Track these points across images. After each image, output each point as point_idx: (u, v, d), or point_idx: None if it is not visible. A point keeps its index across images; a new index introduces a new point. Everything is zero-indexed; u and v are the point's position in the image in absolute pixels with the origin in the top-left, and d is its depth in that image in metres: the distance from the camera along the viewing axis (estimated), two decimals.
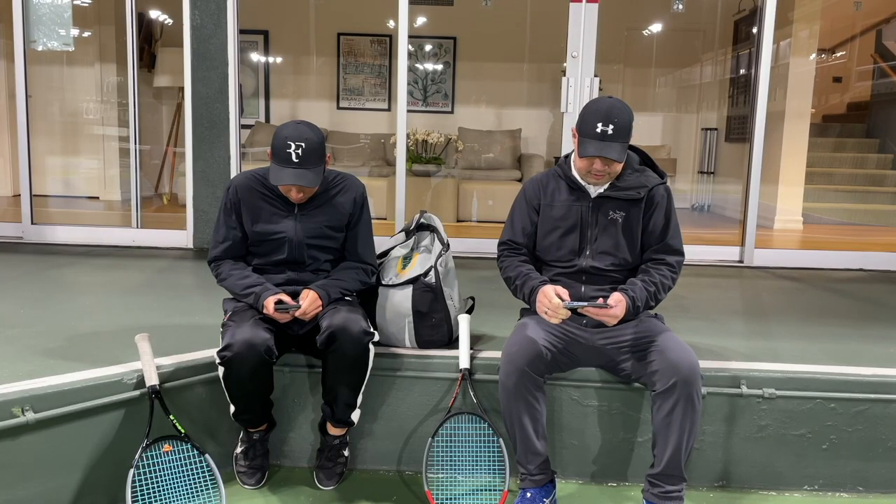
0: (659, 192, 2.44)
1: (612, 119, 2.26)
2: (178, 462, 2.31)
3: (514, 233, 2.53)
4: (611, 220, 2.42)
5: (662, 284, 2.39)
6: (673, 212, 2.46)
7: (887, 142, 7.62)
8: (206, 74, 4.63)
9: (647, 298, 2.36)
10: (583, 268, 2.44)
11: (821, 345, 2.96)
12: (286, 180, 2.34)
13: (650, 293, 2.36)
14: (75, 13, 5.33)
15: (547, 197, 2.48)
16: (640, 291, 2.35)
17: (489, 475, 2.58)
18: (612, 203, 2.42)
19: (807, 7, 6.19)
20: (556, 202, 2.46)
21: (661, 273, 2.41)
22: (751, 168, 4.66)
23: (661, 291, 2.40)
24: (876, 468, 2.61)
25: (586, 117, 2.31)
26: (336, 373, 2.40)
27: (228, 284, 2.51)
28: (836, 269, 4.72)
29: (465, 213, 6.62)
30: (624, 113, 2.29)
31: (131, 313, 3.20)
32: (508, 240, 2.53)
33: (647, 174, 2.45)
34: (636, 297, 2.33)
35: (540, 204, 2.49)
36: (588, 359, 2.51)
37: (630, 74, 8.04)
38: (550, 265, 2.49)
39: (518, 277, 2.44)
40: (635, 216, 2.42)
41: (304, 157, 2.33)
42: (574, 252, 2.44)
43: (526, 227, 2.51)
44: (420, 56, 8.19)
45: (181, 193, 5.75)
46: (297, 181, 2.34)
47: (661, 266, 2.42)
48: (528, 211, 2.51)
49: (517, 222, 2.52)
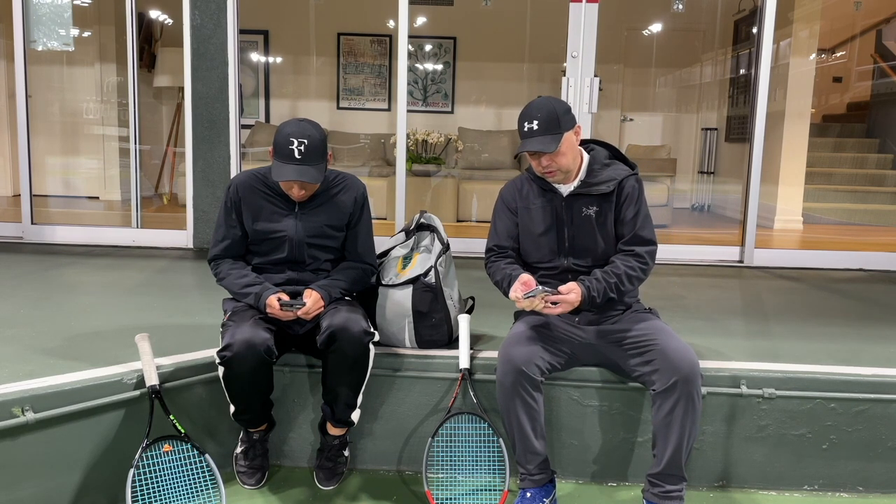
0: (629, 183, 2.43)
1: (535, 115, 2.32)
2: (178, 462, 2.31)
3: (498, 237, 2.55)
4: (584, 217, 2.43)
5: (628, 275, 2.37)
6: (643, 202, 2.44)
7: (887, 142, 7.62)
8: (206, 74, 4.63)
9: (605, 289, 2.34)
10: (566, 267, 2.46)
11: (821, 345, 2.96)
12: (288, 176, 2.34)
13: (609, 284, 2.34)
14: (75, 13, 5.33)
15: (523, 200, 2.52)
16: (596, 282, 2.34)
17: (489, 475, 2.58)
18: (584, 200, 2.44)
19: (807, 7, 6.19)
20: (532, 205, 2.50)
21: (627, 264, 2.38)
22: (751, 168, 4.66)
23: (626, 282, 2.37)
24: (876, 468, 2.61)
25: (518, 122, 2.38)
26: (336, 373, 2.40)
27: (227, 283, 2.51)
28: (836, 269, 4.72)
29: (465, 213, 6.62)
30: (546, 107, 2.33)
31: (131, 313, 3.20)
32: (494, 245, 2.56)
33: (617, 167, 2.46)
34: (591, 286, 2.32)
35: (517, 207, 2.53)
36: (586, 357, 2.51)
37: (630, 74, 8.04)
38: (534, 267, 2.51)
39: (504, 280, 2.45)
40: (607, 210, 2.43)
41: (306, 154, 2.34)
42: (554, 252, 2.46)
43: (510, 229, 2.54)
44: (420, 56, 8.19)
45: (181, 193, 5.76)
46: (299, 177, 2.34)
47: (629, 257, 2.40)
48: (508, 215, 2.55)
49: (500, 226, 2.55)
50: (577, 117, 2.43)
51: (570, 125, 2.36)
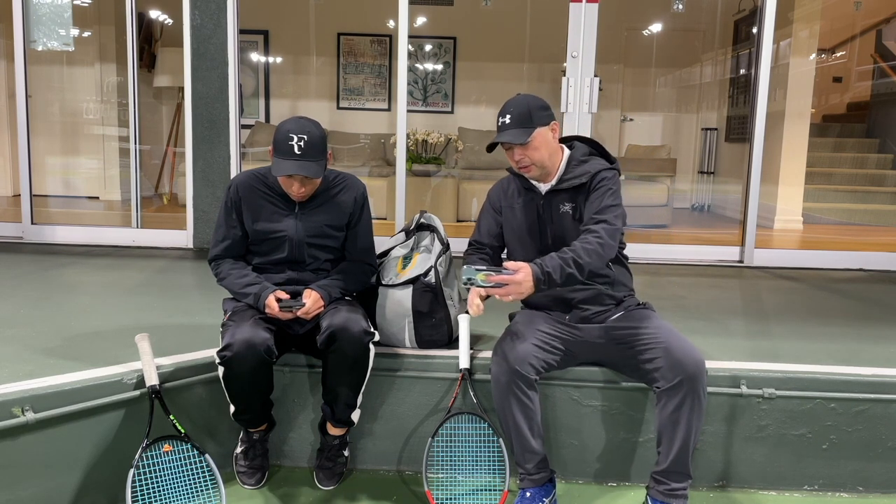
0: (601, 174, 2.40)
1: (508, 110, 2.38)
2: (178, 462, 2.31)
3: (479, 234, 2.61)
4: (562, 214, 2.43)
5: (584, 249, 2.27)
6: (614, 194, 2.37)
7: (887, 142, 7.63)
8: (206, 74, 4.64)
9: (560, 265, 2.23)
10: None
11: (821, 345, 2.96)
12: (288, 170, 2.34)
13: (565, 259, 2.24)
14: (75, 13, 5.33)
15: (507, 199, 2.55)
16: (549, 259, 2.25)
17: (489, 475, 2.58)
18: (561, 196, 2.44)
19: (807, 7, 6.19)
20: (515, 204, 2.52)
21: (583, 241, 2.30)
22: (751, 168, 4.66)
23: (583, 255, 2.26)
24: (876, 468, 2.61)
25: (496, 119, 2.43)
26: (336, 373, 2.40)
27: (227, 283, 2.52)
28: (836, 269, 4.73)
29: (465, 213, 6.63)
30: (520, 103, 2.37)
31: (131, 313, 3.20)
32: (474, 240, 2.63)
33: (594, 162, 2.44)
34: (544, 262, 2.24)
35: (501, 206, 2.56)
36: (583, 355, 2.51)
37: (630, 74, 8.04)
38: None
39: None
40: (581, 204, 2.41)
41: (306, 150, 2.34)
42: (539, 251, 2.45)
43: (491, 228, 2.58)
44: (420, 56, 8.19)
45: (181, 193, 5.76)
46: (299, 171, 2.33)
47: (584, 234, 2.33)
48: (492, 213, 2.59)
49: (482, 224, 2.61)
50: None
51: (543, 121, 2.37)
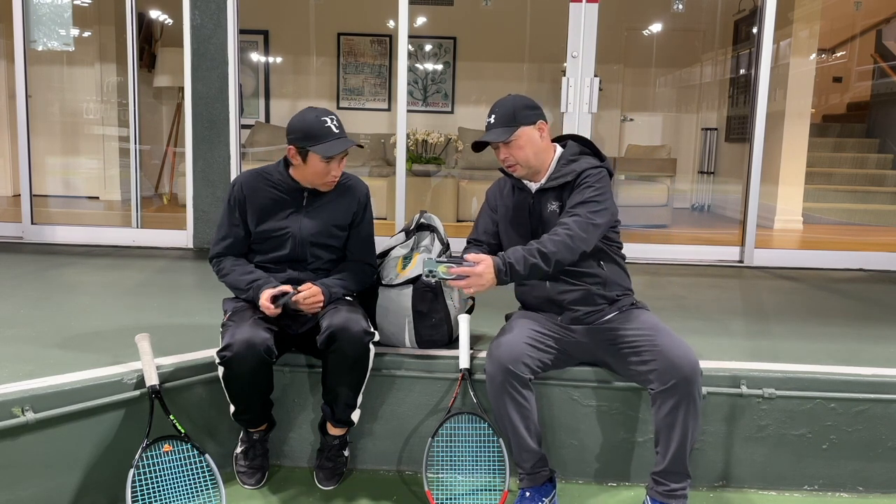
0: (589, 172, 2.38)
1: (494, 110, 2.42)
2: (178, 462, 2.31)
3: (477, 232, 2.66)
4: (551, 213, 2.43)
5: (551, 240, 2.25)
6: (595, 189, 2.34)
7: (887, 142, 7.63)
8: (206, 74, 4.64)
9: (523, 256, 2.22)
10: None
11: (821, 345, 2.96)
12: (344, 145, 2.41)
13: (528, 250, 2.23)
14: (75, 13, 5.33)
15: (503, 199, 2.59)
16: (512, 251, 2.24)
17: (489, 475, 2.58)
18: (549, 194, 2.44)
19: (807, 7, 6.19)
20: (509, 203, 2.55)
21: (552, 232, 2.29)
22: (751, 168, 4.66)
23: (548, 245, 2.24)
24: (876, 468, 2.61)
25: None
26: (336, 373, 2.40)
27: (230, 280, 2.52)
28: (835, 269, 4.72)
29: (465, 213, 6.62)
30: (506, 103, 2.42)
31: (131, 313, 3.20)
32: (472, 238, 2.66)
33: (583, 160, 2.43)
34: (506, 254, 2.23)
35: (497, 206, 2.60)
36: (579, 355, 2.51)
37: (630, 74, 8.04)
38: None
39: None
40: (567, 200, 2.40)
41: (341, 126, 2.45)
42: None
43: (488, 226, 2.62)
44: (420, 56, 8.19)
45: (181, 193, 5.76)
46: (349, 145, 2.42)
47: (556, 227, 2.31)
48: (488, 212, 2.64)
49: (480, 223, 2.66)
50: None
51: (528, 120, 2.38)
